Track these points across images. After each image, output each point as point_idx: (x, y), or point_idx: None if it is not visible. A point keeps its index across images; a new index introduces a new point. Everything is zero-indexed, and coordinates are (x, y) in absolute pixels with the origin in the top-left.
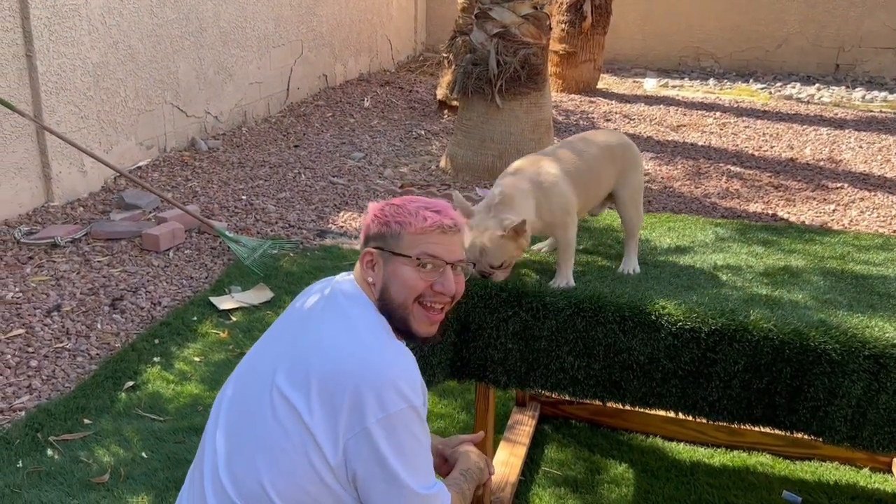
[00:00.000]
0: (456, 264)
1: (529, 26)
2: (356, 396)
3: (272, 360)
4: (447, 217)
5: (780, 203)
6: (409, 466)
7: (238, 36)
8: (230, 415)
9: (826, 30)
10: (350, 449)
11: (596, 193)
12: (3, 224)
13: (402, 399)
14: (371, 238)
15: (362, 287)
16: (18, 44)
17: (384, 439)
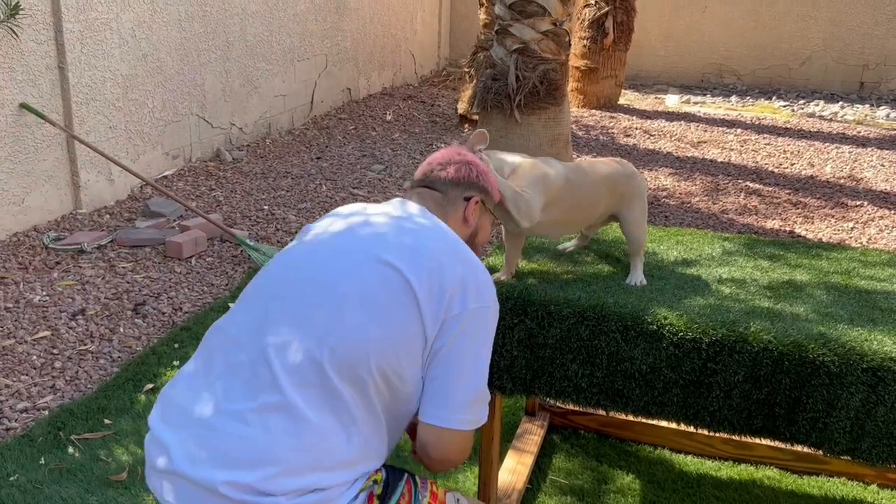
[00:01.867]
0: None
1: (549, 42)
2: (463, 283)
3: (364, 243)
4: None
5: (798, 220)
6: (486, 355)
7: (264, 50)
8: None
9: (850, 48)
10: (446, 326)
11: (591, 213)
12: (33, 230)
13: (493, 300)
14: (474, 185)
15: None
16: (52, 56)
17: (479, 324)
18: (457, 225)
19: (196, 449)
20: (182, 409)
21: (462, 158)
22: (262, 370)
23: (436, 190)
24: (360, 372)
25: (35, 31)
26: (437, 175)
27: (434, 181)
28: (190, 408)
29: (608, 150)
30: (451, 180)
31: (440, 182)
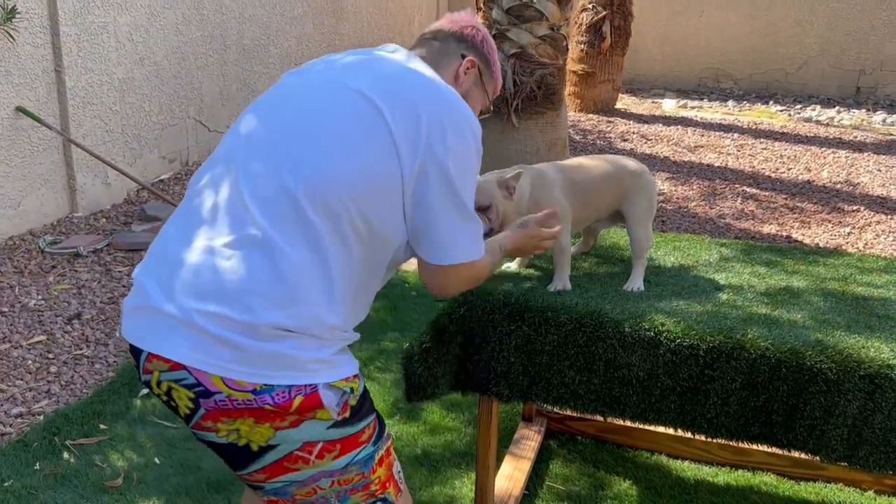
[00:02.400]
0: None
1: (546, 47)
2: (438, 120)
3: (339, 76)
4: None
5: (795, 225)
6: (469, 191)
7: (261, 53)
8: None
9: (847, 53)
10: (425, 167)
11: (595, 208)
12: (29, 234)
13: (473, 136)
14: (475, 48)
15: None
16: (48, 59)
17: (459, 163)
18: (447, 80)
19: (173, 284)
20: (162, 255)
21: (473, 23)
22: (238, 207)
23: (436, 40)
24: (333, 204)
25: (32, 35)
26: (442, 27)
27: (437, 33)
28: (169, 251)
29: None
30: (454, 34)
31: (443, 33)
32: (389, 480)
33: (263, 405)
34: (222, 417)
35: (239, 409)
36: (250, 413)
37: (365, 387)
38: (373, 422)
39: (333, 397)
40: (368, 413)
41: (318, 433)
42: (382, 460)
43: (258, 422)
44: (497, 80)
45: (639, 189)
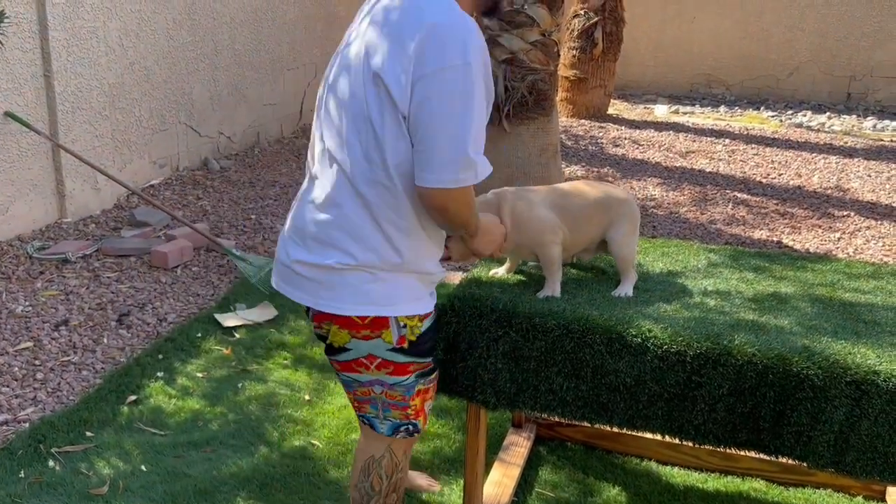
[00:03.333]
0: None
1: (538, 53)
2: (422, 48)
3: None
4: None
5: (786, 230)
6: (467, 116)
7: (252, 58)
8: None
9: (837, 59)
10: (414, 91)
11: (584, 236)
12: (17, 239)
13: (462, 56)
14: None
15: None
16: (37, 64)
17: (446, 85)
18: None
19: (289, 238)
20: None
21: None
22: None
23: None
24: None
25: (20, 40)
26: None
27: None
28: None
29: (597, 160)
30: None
31: None
32: (422, 413)
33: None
34: (322, 320)
35: (328, 315)
36: (336, 320)
37: (431, 332)
38: (425, 363)
39: (395, 328)
40: (424, 354)
41: (380, 351)
42: (420, 393)
43: (340, 328)
44: None
45: (627, 216)
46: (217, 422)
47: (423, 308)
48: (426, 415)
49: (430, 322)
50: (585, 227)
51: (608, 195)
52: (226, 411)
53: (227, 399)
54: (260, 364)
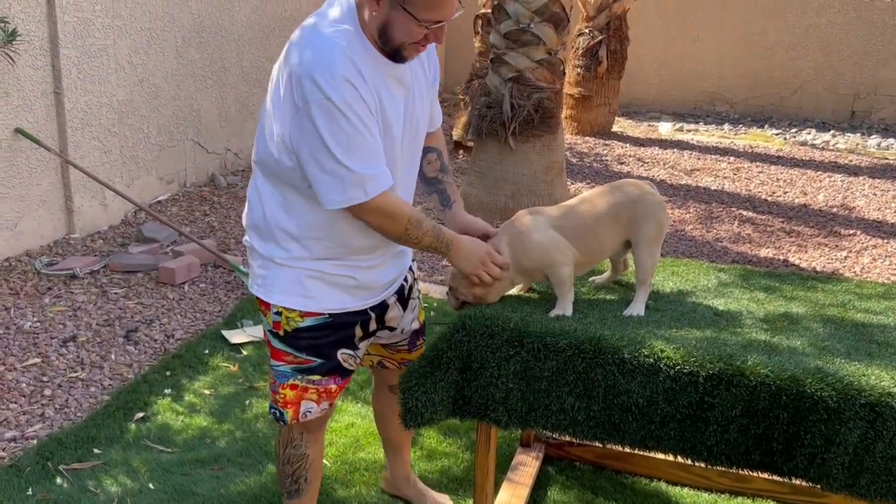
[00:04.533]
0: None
1: (543, 71)
2: (290, 88)
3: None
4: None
5: (792, 249)
6: (339, 145)
7: (260, 75)
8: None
9: (842, 77)
10: (290, 129)
11: (600, 247)
12: (25, 255)
13: (317, 91)
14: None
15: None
16: (48, 81)
17: (315, 119)
18: (367, 15)
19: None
20: None
21: None
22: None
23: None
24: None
25: (32, 57)
26: None
27: None
28: None
29: (602, 178)
30: None
31: None
32: (292, 406)
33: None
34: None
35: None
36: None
37: (315, 331)
38: (304, 359)
39: (272, 312)
40: (302, 349)
41: (266, 328)
42: (295, 388)
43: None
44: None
45: (643, 215)
46: (225, 439)
47: (304, 305)
48: (299, 411)
49: (314, 321)
50: (598, 240)
51: (616, 203)
52: (233, 429)
53: (235, 416)
54: (267, 381)
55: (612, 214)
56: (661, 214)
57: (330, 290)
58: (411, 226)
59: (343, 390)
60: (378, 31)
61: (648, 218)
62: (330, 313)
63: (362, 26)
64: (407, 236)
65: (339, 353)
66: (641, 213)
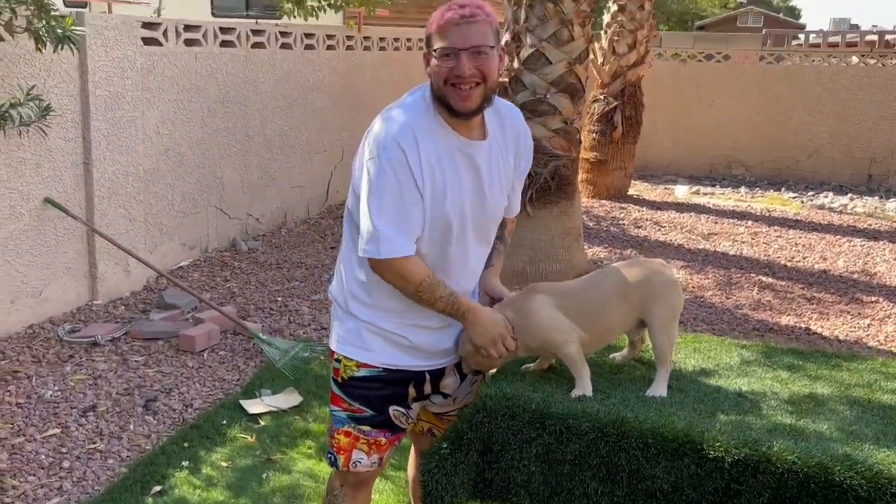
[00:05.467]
0: (472, 49)
1: (560, 139)
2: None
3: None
4: (464, 9)
5: (813, 316)
6: (375, 201)
7: (282, 143)
8: None
9: (857, 141)
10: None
11: (609, 328)
12: (49, 321)
13: (369, 151)
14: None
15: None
16: (78, 152)
17: (367, 173)
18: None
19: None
20: None
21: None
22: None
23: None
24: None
25: (63, 129)
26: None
27: None
28: None
29: (619, 242)
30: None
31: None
32: (345, 452)
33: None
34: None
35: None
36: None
37: (367, 382)
38: (357, 408)
39: (334, 359)
40: (356, 398)
41: (330, 372)
42: (349, 435)
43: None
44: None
45: (654, 296)
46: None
47: (360, 356)
48: (350, 459)
49: (368, 372)
50: (607, 321)
51: (626, 283)
52: (250, 503)
53: (252, 490)
54: (284, 453)
55: (621, 295)
56: (674, 294)
57: (386, 345)
58: (423, 290)
59: (393, 447)
60: (432, 91)
61: (659, 299)
62: (384, 367)
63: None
64: (419, 298)
65: (391, 408)
66: (652, 294)
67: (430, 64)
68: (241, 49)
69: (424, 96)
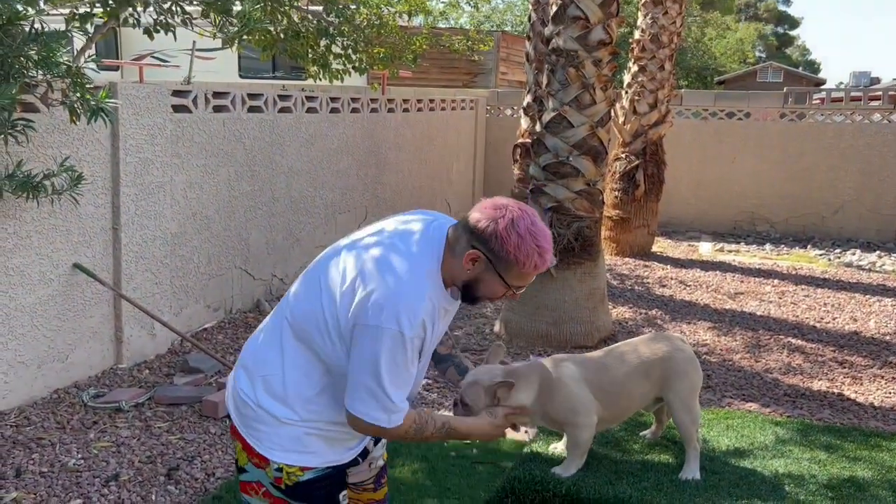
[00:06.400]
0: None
1: (583, 201)
2: (369, 303)
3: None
4: (546, 263)
5: (846, 381)
6: (391, 372)
7: (307, 205)
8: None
9: (883, 198)
10: (355, 332)
11: (627, 405)
12: (73, 386)
13: (395, 323)
14: (483, 242)
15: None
16: (107, 218)
17: (369, 339)
18: (458, 265)
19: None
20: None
21: (499, 215)
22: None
23: (459, 226)
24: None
25: (94, 196)
26: (467, 216)
27: (463, 220)
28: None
29: (644, 301)
30: (467, 226)
31: (463, 222)
32: None
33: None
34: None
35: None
36: (240, 440)
37: (317, 483)
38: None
39: (273, 468)
40: (308, 500)
41: (265, 482)
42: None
43: (242, 448)
44: (519, 263)
45: (674, 373)
46: None
47: (305, 461)
48: None
49: (313, 474)
50: (627, 398)
51: (647, 360)
52: None
53: None
54: None
55: (642, 372)
56: (694, 371)
57: (328, 445)
58: (409, 436)
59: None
60: (463, 283)
61: (680, 376)
62: (330, 466)
63: (442, 264)
64: (405, 441)
65: (340, 495)
66: (674, 371)
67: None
68: (268, 114)
69: (436, 253)
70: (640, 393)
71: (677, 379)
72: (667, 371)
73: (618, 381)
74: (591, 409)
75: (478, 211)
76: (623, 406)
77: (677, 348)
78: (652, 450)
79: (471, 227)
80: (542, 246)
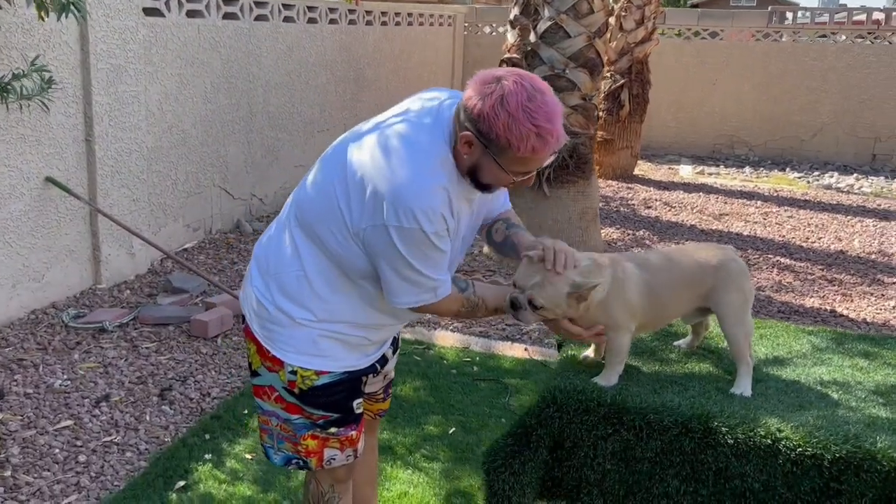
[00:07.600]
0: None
1: (578, 116)
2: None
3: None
4: (549, 147)
5: (837, 298)
6: (425, 264)
7: (285, 121)
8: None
9: (861, 120)
10: (368, 234)
11: (671, 313)
12: (51, 307)
13: (414, 221)
14: (476, 123)
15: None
16: (79, 129)
17: (402, 242)
18: (458, 151)
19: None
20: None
21: (488, 91)
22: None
23: (459, 106)
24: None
25: (64, 105)
26: (467, 86)
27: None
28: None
29: (631, 223)
30: (463, 104)
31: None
32: (315, 455)
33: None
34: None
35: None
36: (254, 342)
37: (331, 388)
38: (322, 415)
39: (287, 371)
40: (319, 406)
41: (277, 386)
42: (316, 438)
43: (256, 351)
44: (512, 146)
45: (724, 284)
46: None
47: (320, 365)
48: (323, 459)
49: (329, 379)
50: (671, 303)
51: (700, 265)
52: (279, 498)
53: (280, 485)
54: None
55: (693, 278)
56: (746, 282)
57: (346, 349)
58: (462, 314)
59: (362, 434)
60: (468, 169)
61: (731, 287)
62: (346, 371)
63: (453, 149)
64: (458, 319)
65: (354, 402)
66: (726, 281)
67: (486, 165)
68: (244, 21)
69: (444, 135)
70: (687, 299)
71: (730, 290)
72: (719, 281)
73: (669, 285)
74: (637, 313)
75: (470, 85)
76: (666, 313)
77: (731, 258)
78: (690, 359)
79: (462, 104)
80: (540, 126)
